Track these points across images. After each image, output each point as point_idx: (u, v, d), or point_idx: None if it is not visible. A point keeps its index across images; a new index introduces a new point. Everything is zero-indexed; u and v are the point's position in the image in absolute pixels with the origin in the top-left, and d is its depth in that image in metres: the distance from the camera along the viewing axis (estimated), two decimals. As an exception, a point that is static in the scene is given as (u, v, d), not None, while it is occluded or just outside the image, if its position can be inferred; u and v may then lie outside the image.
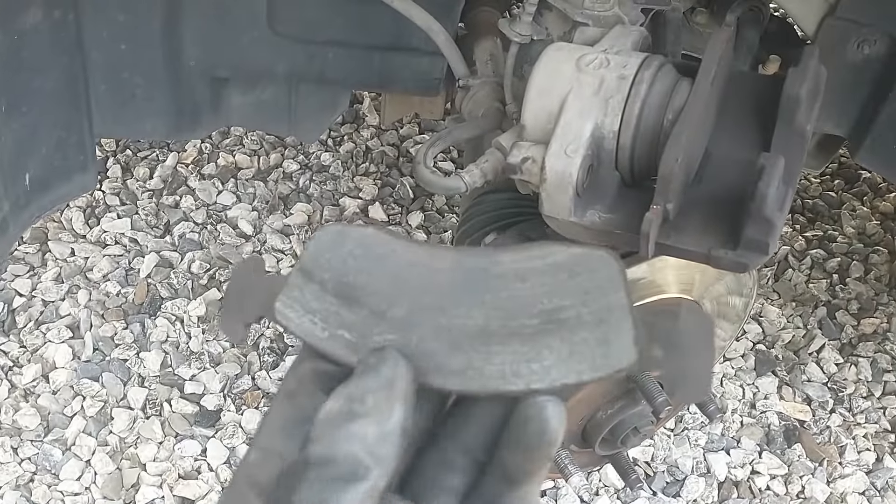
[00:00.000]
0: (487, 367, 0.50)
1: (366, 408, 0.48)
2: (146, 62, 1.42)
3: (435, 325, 0.52)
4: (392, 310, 0.53)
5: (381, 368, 0.50)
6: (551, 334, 0.50)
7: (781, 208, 0.95)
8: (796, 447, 1.82)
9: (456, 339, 0.51)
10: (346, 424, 0.48)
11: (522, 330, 0.51)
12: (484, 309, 0.51)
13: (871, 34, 1.36)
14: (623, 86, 1.00)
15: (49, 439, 1.72)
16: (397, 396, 0.49)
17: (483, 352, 0.51)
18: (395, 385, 0.50)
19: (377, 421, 0.48)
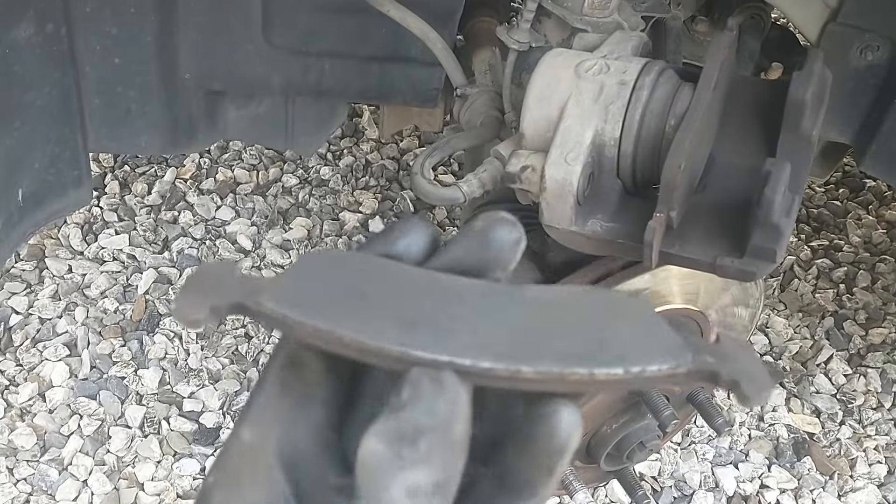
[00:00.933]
0: (546, 352, 0.44)
1: (419, 454, 0.39)
2: (140, 76, 1.40)
3: (471, 327, 0.45)
4: (414, 314, 0.46)
5: (436, 401, 0.41)
6: (603, 332, 0.46)
7: (788, 215, 0.93)
8: (806, 460, 1.79)
9: (503, 338, 0.45)
10: (396, 474, 0.39)
11: (572, 329, 0.46)
12: (519, 318, 0.46)
13: (873, 40, 1.34)
14: (624, 92, 0.98)
15: (45, 459, 1.70)
16: (458, 441, 0.40)
17: (535, 343, 0.45)
18: (456, 425, 0.40)
19: (432, 473, 0.39)
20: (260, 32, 1.41)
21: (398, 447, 0.39)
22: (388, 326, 0.44)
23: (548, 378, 0.43)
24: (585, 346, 0.45)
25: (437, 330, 0.44)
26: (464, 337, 0.44)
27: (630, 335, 0.46)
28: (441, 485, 0.40)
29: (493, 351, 0.43)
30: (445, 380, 0.42)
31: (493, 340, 0.44)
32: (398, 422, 0.40)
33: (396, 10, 1.22)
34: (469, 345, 0.44)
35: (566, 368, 0.43)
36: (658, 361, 0.44)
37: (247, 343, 1.88)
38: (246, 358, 1.86)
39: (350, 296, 0.47)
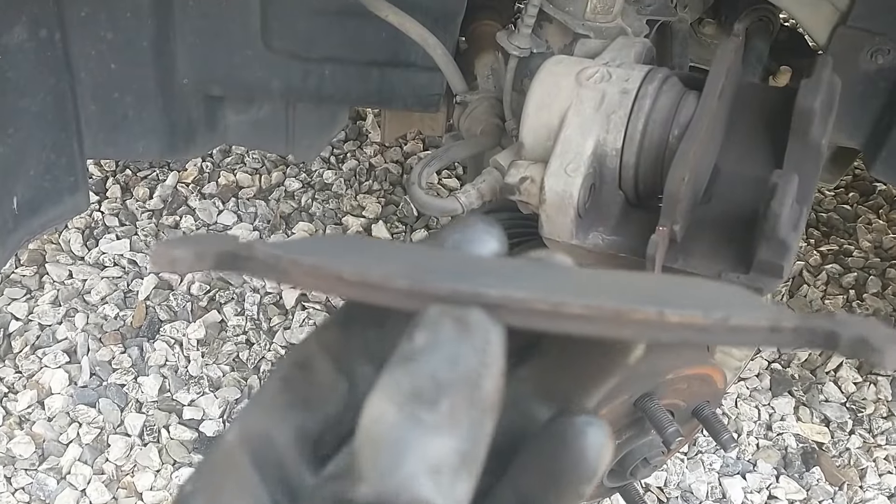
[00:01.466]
0: (601, 294, 0.34)
1: (441, 416, 0.30)
2: (137, 81, 1.38)
3: (501, 279, 0.36)
4: (429, 264, 0.38)
5: (461, 346, 0.31)
6: (680, 290, 0.38)
7: (796, 228, 0.90)
8: (815, 471, 1.76)
9: (545, 282, 0.36)
10: (412, 444, 0.30)
11: (639, 287, 0.38)
12: (566, 278, 0.38)
13: (884, 43, 1.32)
14: (626, 100, 0.95)
15: (44, 468, 1.68)
16: (489, 401, 0.31)
17: (588, 288, 0.36)
18: (487, 380, 0.31)
19: (459, 442, 0.30)
20: (259, 37, 1.39)
21: (414, 408, 0.30)
22: (397, 268, 0.36)
23: (602, 315, 0.33)
24: (655, 293, 0.36)
25: (456, 276, 0.35)
26: (491, 279, 0.35)
27: (716, 295, 0.37)
28: (469, 458, 0.31)
29: (531, 287, 0.34)
30: (472, 318, 0.32)
31: (528, 284, 0.35)
32: (412, 376, 0.31)
33: (395, 16, 1.20)
34: (496, 284, 0.34)
35: (627, 306, 0.33)
36: (751, 313, 0.33)
37: (248, 350, 1.86)
38: (247, 365, 1.84)
39: (360, 253, 0.40)
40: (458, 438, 0.30)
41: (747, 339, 0.33)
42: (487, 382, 0.31)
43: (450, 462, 0.30)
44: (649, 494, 1.70)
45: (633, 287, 0.38)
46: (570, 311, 0.33)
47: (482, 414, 0.31)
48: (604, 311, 0.33)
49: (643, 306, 0.33)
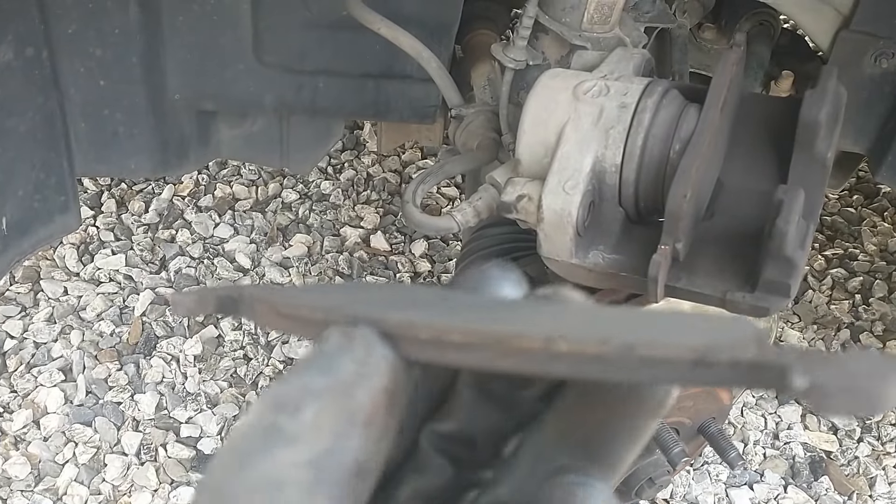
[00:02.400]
0: (516, 324, 0.32)
1: (300, 424, 0.29)
2: (127, 98, 1.36)
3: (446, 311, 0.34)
4: (398, 300, 0.37)
5: (339, 358, 0.31)
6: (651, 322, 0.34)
7: (803, 246, 0.87)
8: (823, 480, 1.73)
9: (475, 315, 0.34)
10: (258, 455, 0.28)
11: (604, 323, 0.33)
12: (540, 317, 0.35)
13: (888, 47, 1.30)
14: (624, 115, 0.92)
15: (40, 489, 1.65)
16: (363, 414, 0.30)
17: (513, 320, 0.33)
18: (360, 391, 0.30)
19: (309, 454, 0.28)
20: (251, 51, 1.37)
21: (275, 417, 0.29)
22: (350, 303, 0.35)
23: (483, 343, 0.30)
24: (611, 328, 0.31)
25: (392, 307, 0.34)
26: (422, 310, 0.34)
27: (681, 329, 0.32)
28: (329, 474, 0.28)
29: (439, 314, 0.32)
30: (357, 333, 0.31)
31: (451, 314, 0.33)
32: (283, 384, 0.30)
33: (388, 29, 1.17)
34: (414, 312, 0.33)
35: (512, 332, 0.29)
36: (677, 342, 0.28)
37: (246, 365, 1.84)
38: (245, 381, 1.82)
39: (341, 292, 0.40)
40: (316, 451, 0.28)
41: (663, 373, 0.28)
42: (362, 393, 0.30)
43: (299, 477, 0.28)
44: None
45: (601, 323, 0.33)
46: (449, 338, 0.31)
47: (352, 426, 0.29)
48: (485, 337, 0.30)
49: (531, 333, 0.29)
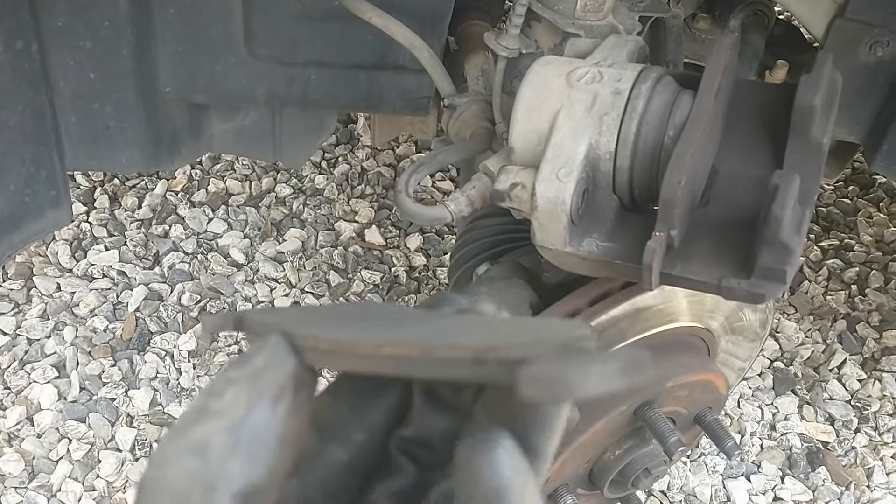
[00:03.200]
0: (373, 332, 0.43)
1: (222, 402, 0.38)
2: (118, 91, 1.35)
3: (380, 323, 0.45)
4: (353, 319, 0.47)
5: (254, 355, 0.40)
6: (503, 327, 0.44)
7: (798, 231, 0.86)
8: (821, 470, 1.72)
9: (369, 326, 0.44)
10: (190, 427, 0.37)
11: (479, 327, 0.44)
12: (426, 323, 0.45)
13: (883, 35, 1.29)
14: (618, 101, 0.91)
15: (34, 485, 1.64)
16: (265, 387, 0.39)
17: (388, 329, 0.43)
18: (267, 374, 0.40)
19: (228, 422, 0.37)
20: (242, 43, 1.35)
21: (205, 400, 0.38)
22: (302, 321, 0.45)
23: (339, 349, 0.41)
24: (452, 334, 0.41)
25: (327, 324, 0.45)
26: (354, 325, 0.44)
27: (506, 332, 0.42)
28: (249, 439, 0.38)
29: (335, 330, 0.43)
30: (270, 338, 0.41)
31: (376, 329, 0.43)
32: (214, 380, 0.40)
33: (379, 18, 1.16)
34: (341, 327, 0.43)
35: (366, 340, 0.41)
36: (464, 343, 0.39)
37: (240, 360, 1.82)
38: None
39: (353, 320, 0.48)
40: (233, 420, 0.37)
41: (457, 371, 0.38)
42: (268, 377, 0.39)
43: (220, 441, 0.37)
44: (652, 500, 1.66)
45: (469, 331, 0.42)
46: (314, 344, 0.41)
47: (261, 400, 0.39)
48: (337, 345, 0.41)
49: (373, 341, 0.40)
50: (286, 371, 0.40)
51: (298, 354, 0.41)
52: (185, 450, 0.36)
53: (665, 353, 1.14)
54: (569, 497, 1.13)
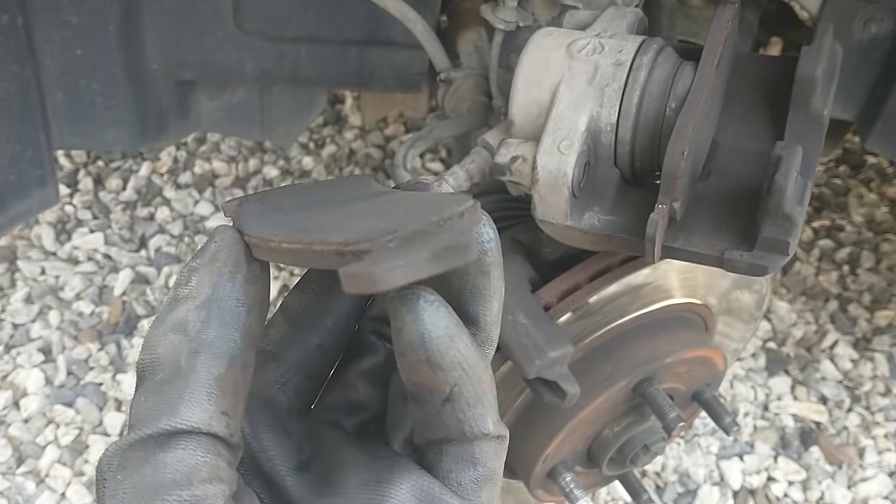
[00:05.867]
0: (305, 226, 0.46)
1: (189, 287, 0.44)
2: (104, 67, 1.32)
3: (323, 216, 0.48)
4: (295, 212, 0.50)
5: (209, 243, 0.46)
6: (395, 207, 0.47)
7: (801, 203, 0.85)
8: (813, 450, 1.72)
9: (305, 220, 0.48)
10: (168, 312, 0.44)
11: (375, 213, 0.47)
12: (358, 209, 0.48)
13: (878, 12, 1.28)
14: (620, 73, 0.90)
15: (21, 471, 1.62)
16: (222, 265, 0.45)
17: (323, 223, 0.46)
18: (222, 251, 0.45)
19: (198, 301, 0.43)
20: (231, 18, 1.33)
21: (175, 290, 0.45)
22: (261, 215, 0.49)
23: (252, 240, 0.47)
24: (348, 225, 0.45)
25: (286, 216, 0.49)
26: (285, 218, 0.48)
27: (395, 213, 0.45)
28: (217, 310, 0.43)
29: (282, 227, 0.46)
30: (223, 232, 0.47)
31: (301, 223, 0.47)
32: (181, 272, 0.45)
33: (372, -10, 1.14)
34: (275, 226, 0.47)
35: (286, 237, 0.45)
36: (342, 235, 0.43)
37: (230, 343, 1.81)
38: None
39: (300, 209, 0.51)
40: (203, 298, 0.43)
41: (327, 262, 0.42)
42: (223, 256, 0.45)
43: (195, 316, 0.43)
44: (646, 480, 1.66)
45: (374, 215, 0.46)
46: (269, 246, 0.46)
47: (221, 277, 0.44)
48: (274, 244, 0.45)
49: (275, 235, 0.45)
50: (237, 250, 0.46)
51: (243, 240, 0.47)
52: (168, 329, 0.43)
53: (664, 329, 1.13)
54: (567, 474, 1.12)
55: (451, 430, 0.44)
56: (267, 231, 0.46)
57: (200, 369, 0.41)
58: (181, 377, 0.41)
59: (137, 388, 0.43)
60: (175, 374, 0.41)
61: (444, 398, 0.43)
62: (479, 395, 0.43)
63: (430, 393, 0.43)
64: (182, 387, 0.41)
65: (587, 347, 1.09)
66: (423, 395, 0.44)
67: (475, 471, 0.44)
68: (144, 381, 0.43)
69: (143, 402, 0.42)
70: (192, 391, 0.41)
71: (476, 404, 0.43)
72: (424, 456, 0.46)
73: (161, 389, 0.41)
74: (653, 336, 1.11)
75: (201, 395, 0.41)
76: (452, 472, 0.44)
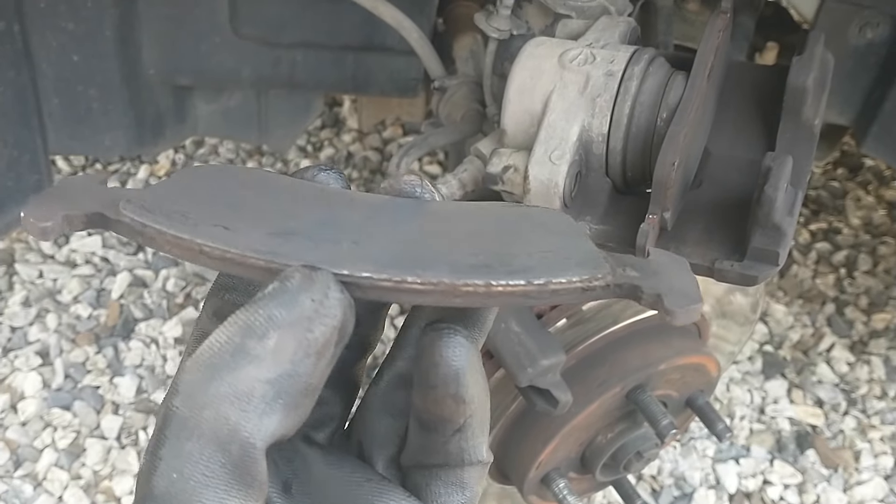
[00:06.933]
0: (438, 262, 0.39)
1: (265, 348, 0.35)
2: (101, 73, 1.33)
3: (356, 237, 0.40)
4: (294, 223, 0.41)
5: (301, 293, 0.36)
6: (511, 243, 0.42)
7: (791, 213, 0.85)
8: (809, 453, 1.73)
9: (392, 248, 0.40)
10: (228, 369, 0.35)
11: (476, 239, 0.42)
12: (415, 230, 0.42)
13: (873, 17, 1.28)
14: (611, 83, 0.90)
15: (19, 474, 1.63)
16: (319, 346, 0.36)
17: (429, 253, 0.40)
18: (318, 326, 0.36)
19: (271, 374, 0.35)
20: (227, 23, 1.34)
21: (243, 338, 0.35)
22: (261, 235, 0.39)
23: (437, 290, 0.38)
24: (487, 256, 0.40)
25: (315, 240, 0.39)
26: (346, 246, 0.39)
27: (542, 246, 0.41)
28: (287, 394, 0.35)
29: (377, 260, 0.39)
30: (318, 276, 0.36)
31: (379, 250, 0.40)
32: (249, 312, 0.35)
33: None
34: (350, 254, 0.39)
35: (459, 279, 0.38)
36: (569, 273, 0.39)
37: (227, 346, 1.81)
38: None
39: (227, 204, 0.42)
40: (277, 372, 0.35)
41: (567, 298, 0.39)
42: (318, 330, 0.36)
43: (262, 392, 0.35)
44: (642, 483, 1.66)
45: (474, 241, 0.42)
46: (409, 287, 0.38)
47: (307, 356, 0.35)
48: (440, 286, 0.38)
49: (474, 278, 0.38)
50: (336, 321, 0.36)
51: (346, 293, 0.37)
52: (225, 396, 0.34)
53: (657, 335, 1.13)
54: (561, 480, 1.13)
55: (451, 458, 0.43)
56: None
57: (246, 459, 0.35)
58: (224, 471, 0.35)
59: (162, 436, 0.36)
60: (216, 460, 0.35)
61: (456, 429, 0.43)
62: (484, 424, 0.44)
63: (444, 423, 0.42)
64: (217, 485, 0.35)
65: (581, 354, 1.10)
66: (436, 424, 0.43)
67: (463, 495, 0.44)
68: (174, 438, 0.35)
69: (167, 470, 0.35)
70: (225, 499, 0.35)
71: (480, 434, 0.43)
72: (410, 477, 0.46)
73: (191, 458, 0.35)
74: (646, 343, 1.12)
75: None
76: (442, 496, 0.44)
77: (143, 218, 0.39)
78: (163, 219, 0.39)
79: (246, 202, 0.42)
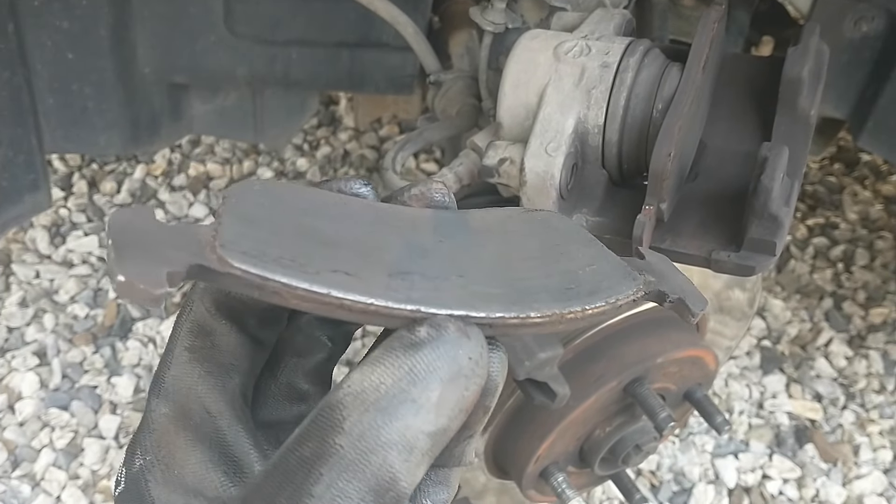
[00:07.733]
0: (538, 293, 0.41)
1: (429, 399, 0.35)
2: (96, 72, 1.33)
3: (450, 270, 0.41)
4: (391, 256, 0.41)
5: (459, 349, 0.36)
6: (563, 261, 0.45)
7: (788, 203, 0.85)
8: (808, 448, 1.73)
9: (488, 280, 0.41)
10: (398, 417, 0.35)
11: (536, 261, 0.44)
12: (484, 252, 0.44)
13: (868, 10, 1.29)
14: (606, 74, 0.90)
15: (17, 475, 1.62)
16: (471, 400, 0.37)
17: (522, 283, 0.42)
18: (475, 380, 0.37)
19: (433, 428, 0.35)
20: (222, 21, 1.34)
21: (409, 385, 0.35)
22: (383, 279, 0.39)
23: (550, 321, 0.40)
24: (561, 277, 0.43)
25: (429, 276, 0.40)
26: (456, 281, 0.40)
27: (581, 260, 0.45)
28: (436, 448, 0.36)
29: (496, 297, 0.40)
30: (473, 332, 0.37)
31: (484, 285, 0.41)
32: (413, 359, 0.35)
33: (362, -6, 1.14)
34: (468, 292, 0.40)
35: (564, 308, 0.41)
36: (625, 289, 0.43)
37: (225, 346, 1.81)
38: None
39: (312, 239, 0.40)
40: (438, 426, 0.35)
41: (621, 311, 0.43)
42: (473, 389, 0.37)
43: (423, 444, 0.35)
44: (641, 479, 1.66)
45: (534, 261, 0.44)
46: (532, 321, 0.40)
47: (461, 412, 0.36)
48: (554, 317, 0.40)
49: (573, 306, 0.41)
50: (484, 381, 0.38)
51: (492, 351, 0.40)
52: (394, 445, 0.35)
53: (654, 329, 1.13)
54: (559, 475, 1.12)
55: (451, 460, 0.43)
56: None
57: None
58: None
59: (317, 473, 0.35)
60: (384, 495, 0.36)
61: (470, 434, 0.42)
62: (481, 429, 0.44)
63: (464, 430, 0.42)
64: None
65: (578, 348, 1.10)
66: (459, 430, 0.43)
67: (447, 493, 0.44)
68: (335, 478, 0.35)
69: (331, 491, 0.35)
70: None
71: (477, 438, 0.44)
72: None
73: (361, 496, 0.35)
74: (643, 336, 1.11)
75: None
76: (430, 495, 0.44)
77: (258, 269, 0.36)
78: (277, 268, 0.36)
79: (324, 233, 0.41)
